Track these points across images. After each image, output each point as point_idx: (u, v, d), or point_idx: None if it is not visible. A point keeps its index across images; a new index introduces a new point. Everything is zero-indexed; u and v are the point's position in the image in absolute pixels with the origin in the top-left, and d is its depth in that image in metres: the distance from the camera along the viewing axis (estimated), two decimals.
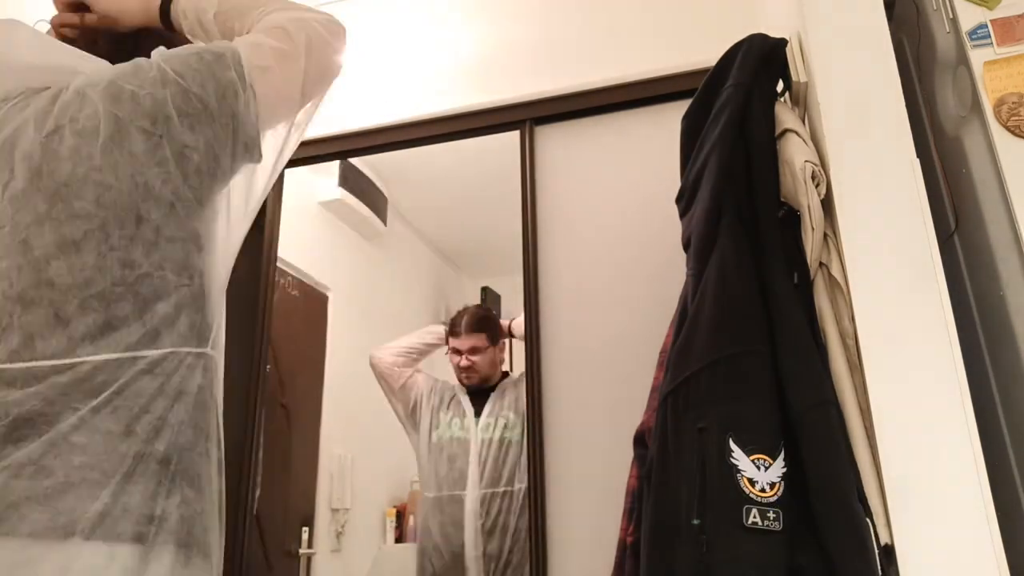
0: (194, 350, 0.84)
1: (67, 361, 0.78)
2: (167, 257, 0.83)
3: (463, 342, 2.13)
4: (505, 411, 2.02)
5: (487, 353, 2.12)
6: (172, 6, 1.02)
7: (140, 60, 0.89)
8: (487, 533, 1.90)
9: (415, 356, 2.16)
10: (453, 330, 2.17)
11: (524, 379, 1.67)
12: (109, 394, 0.77)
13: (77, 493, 0.73)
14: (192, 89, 0.86)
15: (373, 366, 2.15)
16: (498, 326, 2.18)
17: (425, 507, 2.04)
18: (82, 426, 0.76)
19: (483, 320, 2.19)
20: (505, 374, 2.14)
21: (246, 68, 0.89)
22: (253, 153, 0.92)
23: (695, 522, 0.90)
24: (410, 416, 2.14)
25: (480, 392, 2.11)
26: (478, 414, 2.06)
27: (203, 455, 0.82)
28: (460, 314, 2.21)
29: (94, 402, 0.76)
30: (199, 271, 0.85)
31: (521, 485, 1.84)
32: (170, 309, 0.82)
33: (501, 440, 1.98)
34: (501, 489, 1.93)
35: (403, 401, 2.14)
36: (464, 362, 2.11)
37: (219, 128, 0.87)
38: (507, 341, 2.16)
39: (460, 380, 2.12)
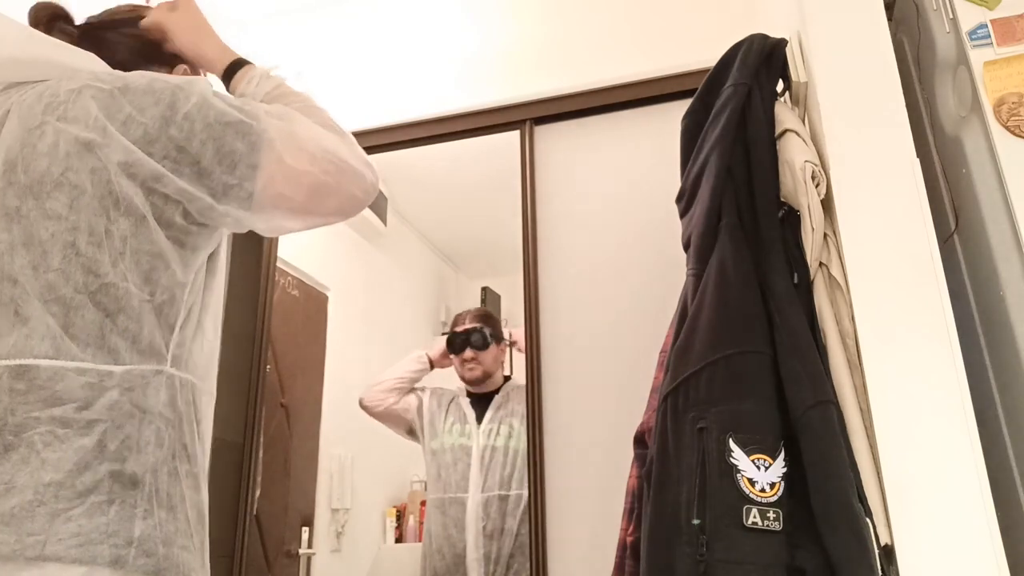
0: (156, 367, 0.81)
1: (22, 362, 0.75)
2: (132, 269, 0.80)
3: (467, 327, 2.14)
4: (509, 418, 2.01)
5: (489, 349, 2.12)
6: (242, 74, 1.00)
7: (156, 81, 0.85)
8: (488, 535, 1.90)
9: (406, 389, 2.13)
10: (456, 323, 2.17)
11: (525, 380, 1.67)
12: (77, 407, 0.74)
13: (48, 512, 0.70)
14: (189, 148, 0.82)
15: (366, 409, 2.12)
16: (499, 325, 2.17)
17: (428, 509, 2.04)
18: (55, 442, 0.73)
19: (486, 315, 2.20)
20: (507, 378, 2.14)
21: (263, 151, 0.85)
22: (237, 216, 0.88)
23: (695, 522, 0.90)
24: (409, 434, 2.14)
25: (482, 397, 2.10)
26: (480, 419, 2.06)
27: (173, 474, 0.80)
28: (463, 313, 2.21)
29: (57, 412, 0.74)
30: (164, 287, 0.82)
31: (523, 489, 1.84)
32: (131, 323, 0.79)
33: (505, 448, 1.98)
34: (503, 492, 1.93)
35: (400, 426, 2.14)
36: (468, 353, 2.10)
37: (201, 186, 0.83)
38: (508, 348, 2.15)
39: (462, 376, 2.11)
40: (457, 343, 2.12)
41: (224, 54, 1.03)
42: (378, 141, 1.97)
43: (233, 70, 1.02)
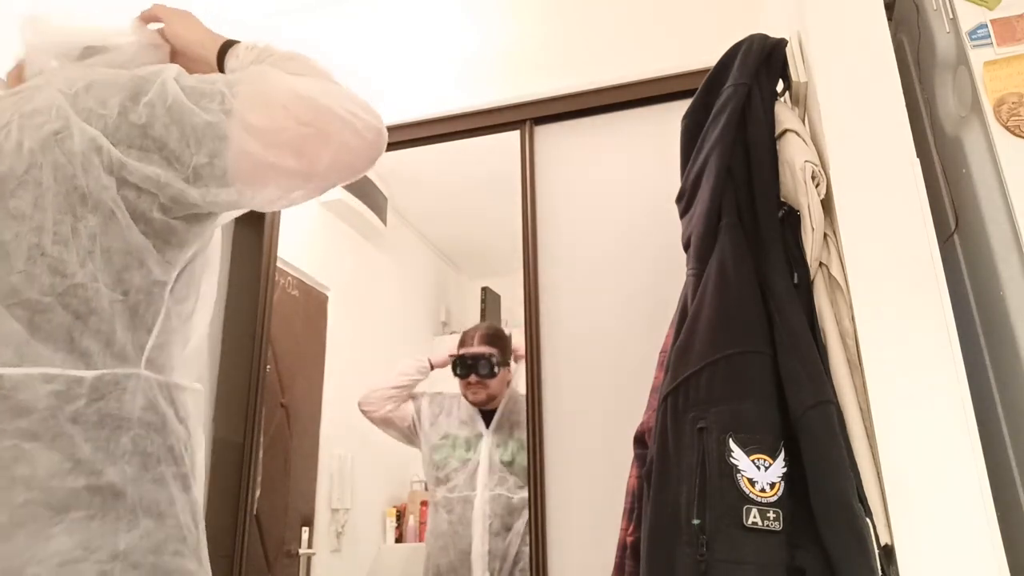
0: (131, 371, 0.77)
1: None
2: (103, 268, 0.76)
3: (473, 352, 2.10)
4: (518, 432, 1.99)
5: (496, 376, 2.07)
6: (230, 54, 0.97)
7: (120, 75, 0.83)
8: (495, 533, 1.90)
9: (404, 396, 2.12)
10: (464, 341, 2.13)
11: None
12: (43, 416, 0.71)
13: (26, 533, 0.67)
14: (153, 133, 0.79)
15: (364, 414, 2.11)
16: (508, 345, 2.13)
17: (433, 507, 2.04)
18: (23, 457, 0.69)
19: (496, 335, 2.14)
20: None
21: (227, 120, 0.80)
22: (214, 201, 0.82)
23: (695, 522, 0.90)
24: (407, 438, 2.13)
25: (489, 410, 2.09)
26: (488, 423, 2.05)
27: (158, 481, 0.76)
28: (473, 328, 2.18)
29: (23, 424, 0.70)
30: (138, 287, 0.78)
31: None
32: (102, 325, 0.75)
33: (513, 456, 1.97)
34: (509, 494, 1.94)
35: (397, 432, 2.13)
36: (473, 379, 2.07)
37: (172, 170, 0.79)
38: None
39: (465, 396, 2.09)
40: (462, 369, 2.09)
41: (214, 40, 1.00)
42: None
43: (224, 54, 0.99)
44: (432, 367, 2.16)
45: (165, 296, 0.81)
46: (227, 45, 0.99)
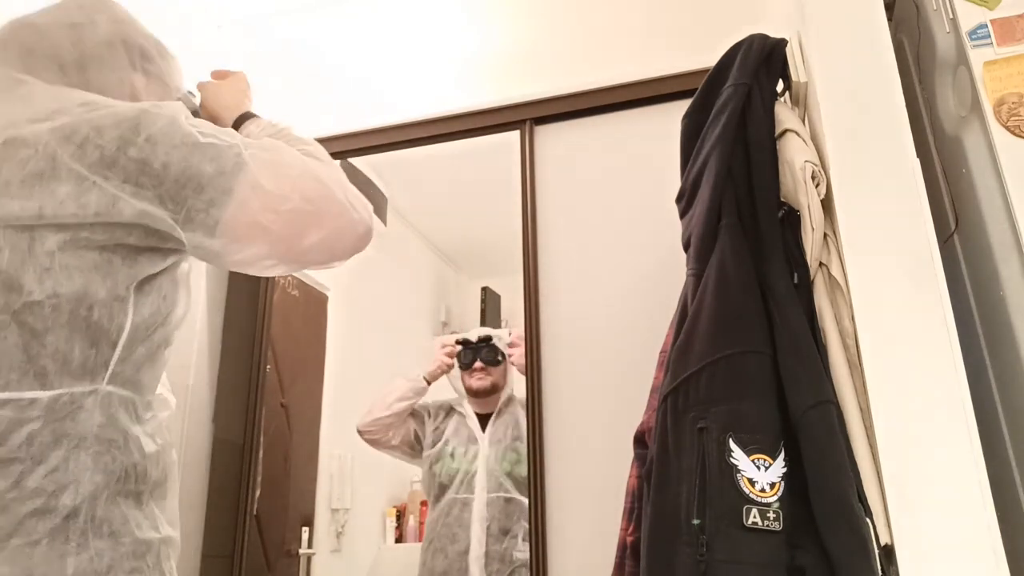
0: (90, 387, 0.75)
1: None
2: (63, 284, 0.74)
3: (477, 337, 2.14)
4: (517, 443, 1.99)
5: (499, 366, 2.11)
6: (249, 124, 1.01)
7: (122, 105, 0.81)
8: (493, 535, 1.90)
9: (404, 416, 2.12)
10: (469, 340, 2.17)
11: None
12: None
13: None
14: (151, 171, 0.77)
15: (368, 443, 2.10)
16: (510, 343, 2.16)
17: (431, 509, 2.04)
18: None
19: (490, 337, 2.18)
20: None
21: (237, 175, 0.80)
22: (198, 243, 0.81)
23: (695, 522, 0.90)
24: (409, 456, 2.13)
25: (487, 416, 2.10)
26: (484, 426, 2.06)
27: (112, 499, 0.74)
28: (468, 336, 2.20)
29: None
30: (103, 302, 0.76)
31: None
32: (61, 343, 0.73)
33: (510, 472, 1.97)
34: (508, 495, 1.94)
35: (400, 452, 2.13)
36: (478, 365, 2.09)
37: (164, 209, 0.78)
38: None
39: (469, 387, 2.10)
40: (467, 356, 2.11)
41: (239, 108, 1.03)
42: (378, 141, 1.97)
43: (242, 120, 1.02)
44: (428, 383, 2.15)
45: (130, 310, 0.79)
46: (249, 114, 1.03)
